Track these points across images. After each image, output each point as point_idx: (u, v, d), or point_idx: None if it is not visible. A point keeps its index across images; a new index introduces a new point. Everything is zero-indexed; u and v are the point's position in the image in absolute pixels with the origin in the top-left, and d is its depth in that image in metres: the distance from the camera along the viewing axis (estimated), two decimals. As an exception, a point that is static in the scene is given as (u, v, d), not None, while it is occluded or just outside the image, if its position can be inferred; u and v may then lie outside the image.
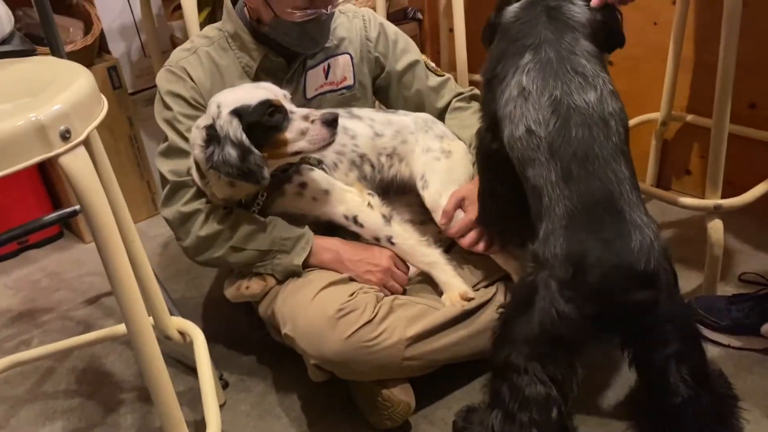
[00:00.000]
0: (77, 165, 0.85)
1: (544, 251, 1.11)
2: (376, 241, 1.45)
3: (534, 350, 1.13)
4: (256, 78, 1.49)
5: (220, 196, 1.40)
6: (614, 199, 1.10)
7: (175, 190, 1.44)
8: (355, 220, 1.43)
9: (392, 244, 1.44)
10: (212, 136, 1.29)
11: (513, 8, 1.23)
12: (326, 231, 1.48)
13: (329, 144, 1.34)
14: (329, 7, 1.40)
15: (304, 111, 1.34)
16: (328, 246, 1.44)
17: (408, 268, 1.48)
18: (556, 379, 1.13)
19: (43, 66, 1.04)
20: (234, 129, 1.28)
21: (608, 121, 1.13)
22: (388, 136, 1.52)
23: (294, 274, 1.42)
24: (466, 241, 1.43)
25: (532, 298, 1.12)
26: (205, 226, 1.41)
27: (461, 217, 1.43)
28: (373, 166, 1.52)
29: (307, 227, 1.45)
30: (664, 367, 1.14)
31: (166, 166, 1.45)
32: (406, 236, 1.45)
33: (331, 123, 1.32)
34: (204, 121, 1.33)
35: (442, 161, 1.50)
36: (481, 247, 1.43)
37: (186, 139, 1.42)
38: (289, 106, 1.35)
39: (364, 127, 1.51)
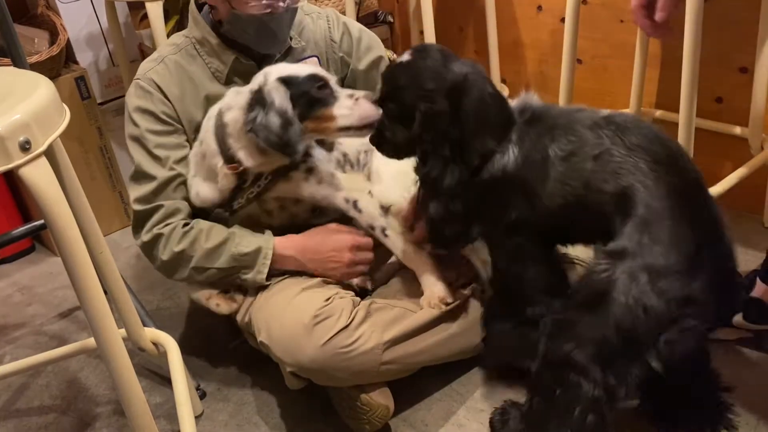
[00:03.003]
0: (39, 176, 0.84)
1: (640, 239, 1.05)
2: (371, 230, 1.45)
3: (601, 352, 1.07)
4: (228, 82, 1.48)
5: (247, 164, 1.35)
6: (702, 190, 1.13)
7: (141, 220, 1.43)
8: (354, 204, 1.43)
9: (386, 236, 1.44)
10: (258, 100, 1.29)
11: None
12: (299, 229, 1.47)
13: (375, 121, 1.32)
14: (287, 1, 1.39)
15: (348, 90, 1.36)
16: (289, 253, 1.42)
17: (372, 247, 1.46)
18: (609, 386, 1.08)
19: (1, 76, 1.03)
20: (281, 97, 1.28)
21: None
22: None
23: (261, 287, 1.41)
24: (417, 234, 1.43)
25: (605, 296, 1.06)
26: (165, 251, 1.41)
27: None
28: (352, 164, 1.53)
29: (267, 233, 1.43)
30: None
31: (134, 194, 1.44)
32: (400, 231, 1.44)
33: (375, 102, 1.32)
34: (249, 86, 1.33)
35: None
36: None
37: (153, 157, 1.41)
38: (335, 86, 1.35)
39: None
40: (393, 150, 1.32)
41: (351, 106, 1.32)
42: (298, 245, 1.43)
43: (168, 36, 1.86)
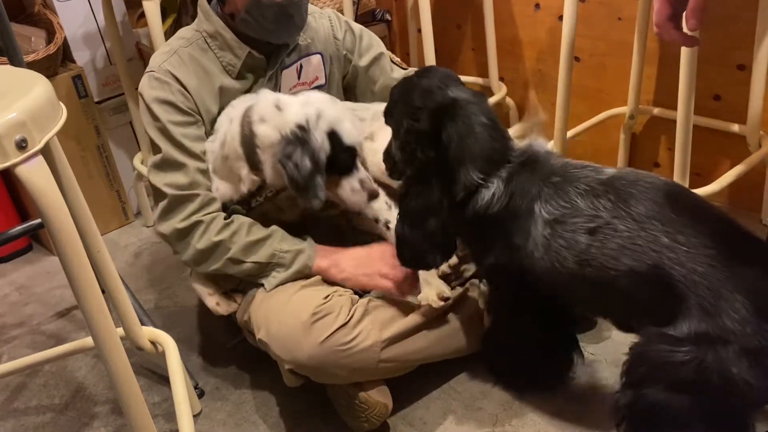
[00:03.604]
0: (35, 175, 0.84)
1: (719, 322, 0.98)
2: (376, 222, 1.46)
3: (711, 426, 1.04)
4: (239, 76, 1.47)
5: (268, 180, 1.37)
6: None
7: (174, 205, 1.40)
8: None
9: (388, 229, 1.44)
10: (301, 139, 1.28)
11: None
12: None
13: (363, 208, 1.41)
14: None
15: (363, 174, 1.37)
16: (325, 264, 1.40)
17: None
18: None
19: (-2, 75, 1.02)
20: (322, 149, 1.29)
21: None
22: (368, 119, 1.54)
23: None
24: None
25: (702, 382, 1.00)
26: (202, 239, 1.38)
27: None
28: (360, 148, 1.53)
29: (308, 239, 1.42)
30: None
31: (162, 180, 1.40)
32: None
33: (370, 197, 1.37)
34: (292, 114, 1.31)
35: None
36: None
37: (181, 147, 1.39)
38: (359, 163, 1.37)
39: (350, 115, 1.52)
40: (393, 166, 1.32)
41: (354, 189, 1.36)
42: (335, 255, 1.41)
43: (165, 34, 1.86)
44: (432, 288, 1.41)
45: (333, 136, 1.31)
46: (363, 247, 1.44)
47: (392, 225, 1.43)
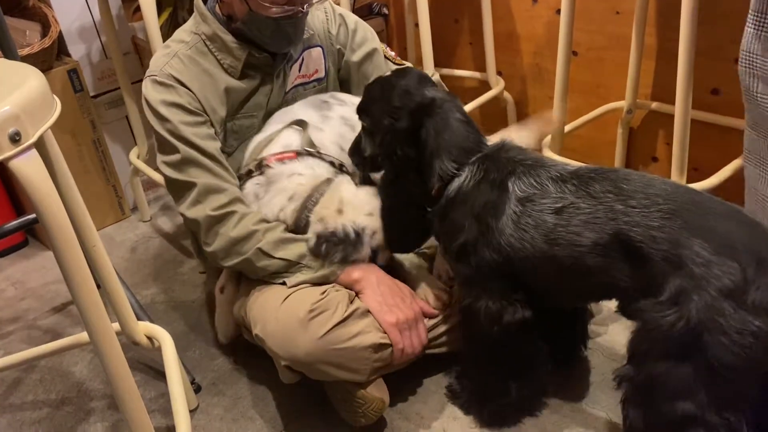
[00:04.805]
0: (29, 168, 0.83)
1: (690, 270, 0.99)
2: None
3: (712, 395, 1.01)
4: (243, 76, 1.46)
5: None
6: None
7: (204, 195, 1.38)
8: None
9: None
10: (352, 241, 1.34)
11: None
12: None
13: None
14: (306, 6, 1.39)
15: None
16: (361, 269, 1.38)
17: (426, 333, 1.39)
18: (730, 426, 1.02)
19: (-9, 68, 1.01)
20: (365, 260, 1.36)
21: None
22: None
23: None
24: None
25: (695, 344, 0.99)
26: (237, 227, 1.37)
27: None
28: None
29: None
30: None
31: (185, 176, 1.39)
32: None
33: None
34: (354, 217, 1.34)
35: None
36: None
37: (197, 149, 1.38)
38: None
39: (353, 113, 1.52)
40: (362, 163, 1.36)
41: None
42: (368, 270, 1.38)
43: (161, 28, 1.85)
44: (428, 286, 1.42)
45: (375, 252, 1.38)
46: (393, 279, 1.40)
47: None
